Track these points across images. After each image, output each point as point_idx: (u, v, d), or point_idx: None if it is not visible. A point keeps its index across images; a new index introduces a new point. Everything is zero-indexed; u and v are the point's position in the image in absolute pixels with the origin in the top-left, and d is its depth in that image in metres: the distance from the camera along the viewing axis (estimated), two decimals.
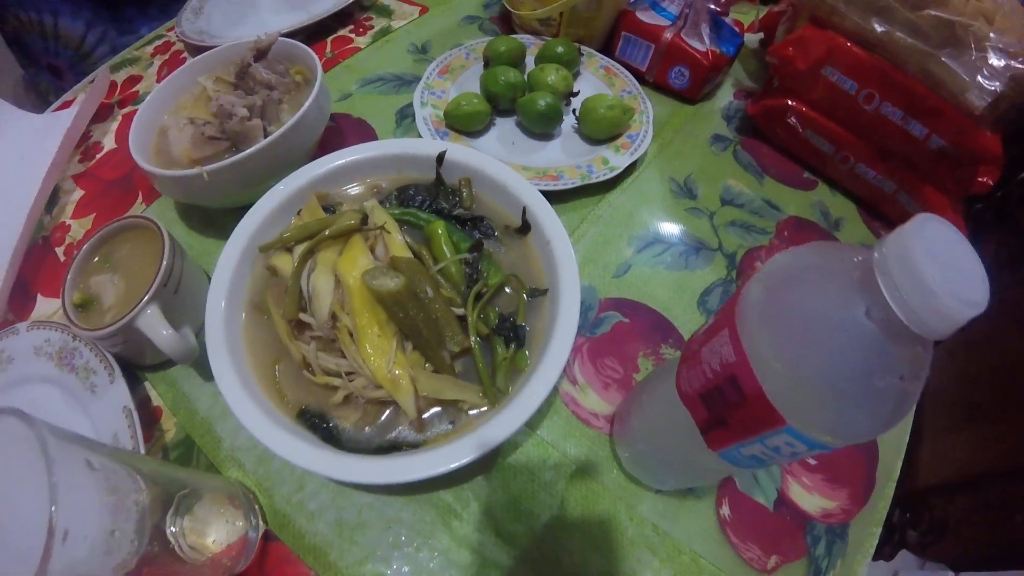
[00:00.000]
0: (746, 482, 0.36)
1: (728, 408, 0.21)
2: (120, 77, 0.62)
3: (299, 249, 0.33)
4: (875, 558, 0.45)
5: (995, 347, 0.45)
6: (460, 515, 0.33)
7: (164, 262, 0.35)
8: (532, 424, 0.36)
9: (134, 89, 0.60)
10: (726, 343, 0.21)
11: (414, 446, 0.30)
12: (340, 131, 0.52)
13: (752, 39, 0.56)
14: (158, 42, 0.66)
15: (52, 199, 0.51)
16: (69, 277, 0.37)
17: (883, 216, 0.50)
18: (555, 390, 0.38)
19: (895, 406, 0.18)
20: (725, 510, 0.35)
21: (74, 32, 0.75)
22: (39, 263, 0.47)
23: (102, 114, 0.58)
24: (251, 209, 0.36)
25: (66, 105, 0.60)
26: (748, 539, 0.34)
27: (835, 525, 0.35)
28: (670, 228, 0.47)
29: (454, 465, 0.27)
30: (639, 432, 0.32)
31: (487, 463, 0.35)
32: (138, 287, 0.36)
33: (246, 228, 0.35)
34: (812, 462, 0.38)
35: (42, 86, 0.81)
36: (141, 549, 0.26)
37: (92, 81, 0.62)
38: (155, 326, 0.33)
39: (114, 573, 0.24)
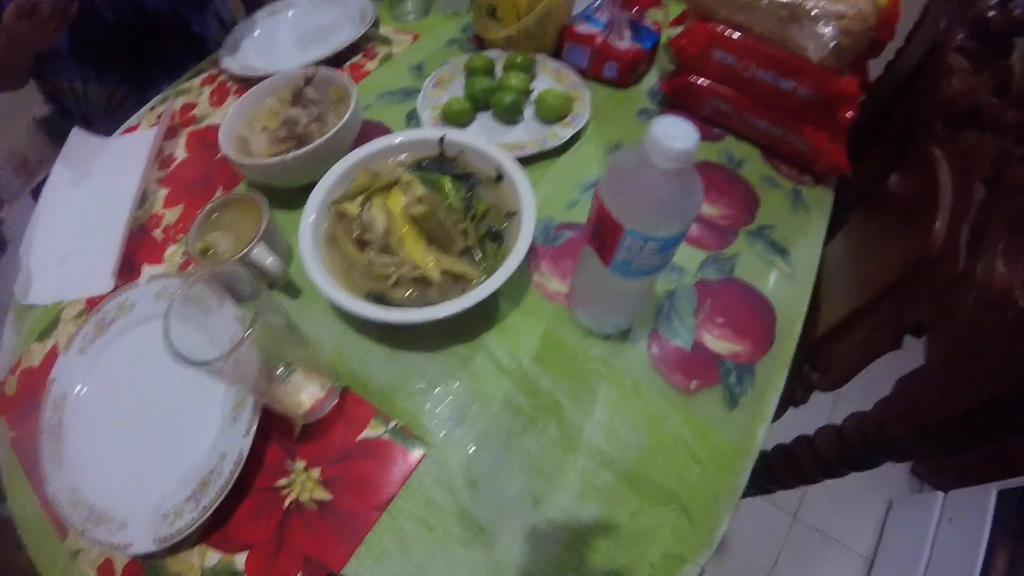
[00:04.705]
0: (667, 331, 0.62)
1: (602, 232, 0.47)
2: (176, 105, 0.94)
3: (359, 198, 0.63)
4: (796, 405, 0.72)
5: (873, 232, 0.71)
6: (472, 360, 0.61)
7: (266, 217, 0.63)
8: (515, 301, 0.64)
9: (191, 113, 0.93)
10: (596, 199, 0.48)
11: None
12: (366, 132, 0.80)
13: (674, 32, 0.87)
14: (204, 75, 0.99)
15: (142, 198, 0.79)
16: (191, 235, 0.64)
17: (780, 155, 0.78)
18: (527, 276, 0.66)
19: (676, 208, 0.44)
20: (654, 350, 0.61)
21: (100, 94, 1.06)
22: (140, 243, 0.76)
23: (169, 134, 0.88)
24: (320, 180, 0.66)
25: (131, 130, 0.92)
26: (673, 369, 0.60)
27: (742, 363, 0.60)
28: None
29: (465, 307, 0.55)
30: (578, 288, 0.59)
31: (487, 325, 0.63)
32: (243, 239, 0.63)
33: (318, 192, 0.65)
34: (719, 320, 0.63)
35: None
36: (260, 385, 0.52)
37: (152, 108, 0.94)
38: (263, 256, 0.61)
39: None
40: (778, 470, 0.69)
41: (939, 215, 0.56)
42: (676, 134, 0.40)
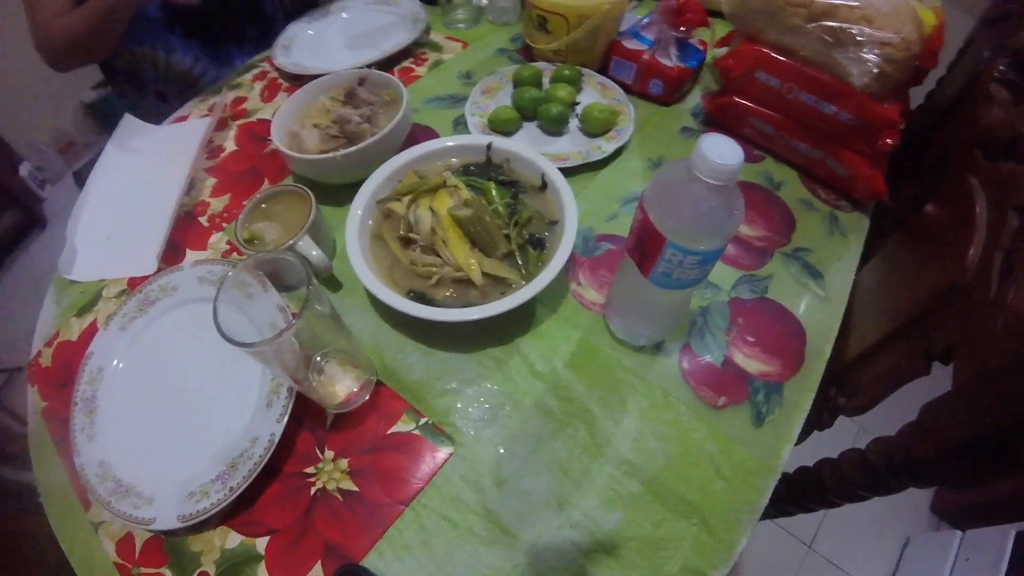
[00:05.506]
0: (699, 346, 0.63)
1: (644, 243, 0.49)
2: (228, 98, 0.97)
3: (406, 198, 0.65)
4: (820, 428, 0.72)
5: (906, 259, 0.71)
6: (507, 363, 0.62)
7: (313, 210, 0.65)
8: (552, 307, 0.66)
9: (242, 107, 0.96)
10: (640, 210, 0.49)
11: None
12: (414, 134, 0.83)
13: (720, 52, 0.88)
14: (256, 71, 1.03)
15: (190, 186, 0.82)
16: (239, 222, 0.66)
17: (818, 179, 0.78)
18: (565, 284, 0.67)
19: (718, 223, 0.45)
20: (685, 364, 0.62)
21: (182, 65, 1.09)
22: (186, 229, 0.78)
23: (219, 126, 0.91)
24: (367, 179, 0.68)
25: (182, 119, 0.95)
26: (702, 384, 0.60)
27: (771, 382, 0.61)
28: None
29: (505, 309, 0.56)
30: (615, 298, 0.61)
31: (523, 329, 0.64)
32: (290, 230, 0.65)
33: (366, 189, 0.67)
34: (750, 339, 0.64)
35: (144, 108, 1.16)
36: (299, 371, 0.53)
37: (203, 100, 0.97)
38: (309, 248, 0.63)
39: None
40: (800, 492, 0.69)
41: (973, 243, 0.56)
42: (723, 151, 0.42)
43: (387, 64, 0.98)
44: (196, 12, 0.97)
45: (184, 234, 0.78)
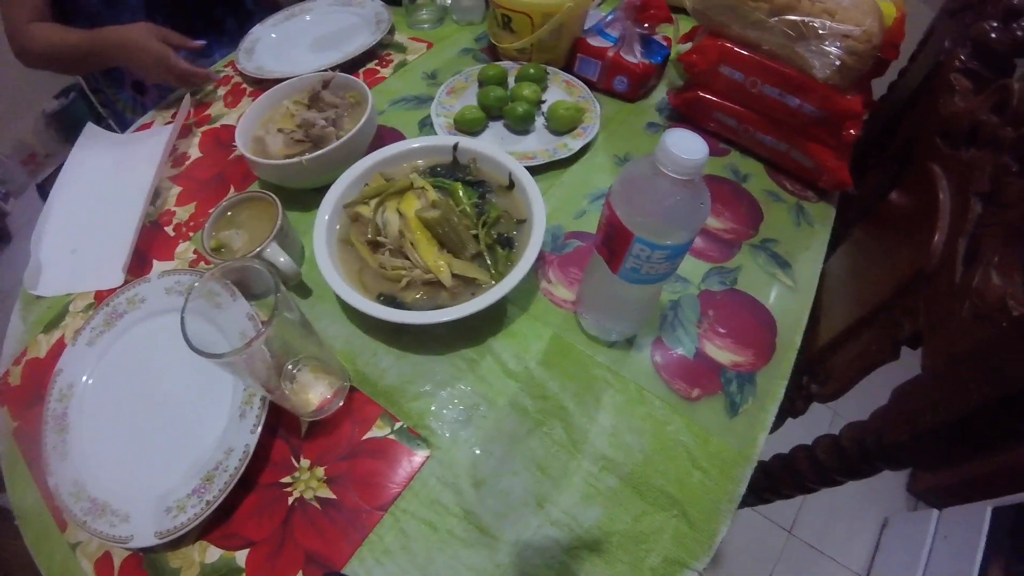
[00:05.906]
0: (671, 340, 0.63)
1: (612, 240, 0.49)
2: (192, 104, 0.95)
3: (373, 201, 0.65)
4: (794, 416, 0.73)
5: (873, 247, 0.73)
6: (480, 363, 0.62)
7: (279, 216, 0.65)
8: (523, 306, 0.66)
9: (206, 113, 0.94)
10: (607, 206, 0.49)
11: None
12: (380, 137, 0.83)
13: (683, 48, 0.89)
14: (219, 76, 1.01)
15: (155, 195, 0.80)
16: (205, 231, 0.65)
17: (784, 171, 0.80)
18: (535, 282, 0.68)
19: (684, 217, 0.45)
20: (657, 358, 0.62)
21: None
22: (152, 239, 0.77)
23: (183, 133, 0.90)
24: (334, 183, 0.67)
25: (146, 126, 0.93)
26: (676, 377, 0.61)
27: (743, 372, 0.61)
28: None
29: (476, 309, 0.56)
30: (586, 295, 0.61)
31: (495, 329, 0.64)
32: (257, 237, 0.65)
33: (333, 193, 0.66)
34: (721, 330, 0.65)
35: (120, 104, 1.14)
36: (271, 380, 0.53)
37: (167, 106, 0.96)
38: (276, 255, 0.62)
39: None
40: (776, 479, 0.70)
41: (938, 229, 0.57)
42: (687, 146, 0.42)
43: (351, 66, 0.97)
44: (173, 5, 0.95)
45: (150, 244, 0.76)
